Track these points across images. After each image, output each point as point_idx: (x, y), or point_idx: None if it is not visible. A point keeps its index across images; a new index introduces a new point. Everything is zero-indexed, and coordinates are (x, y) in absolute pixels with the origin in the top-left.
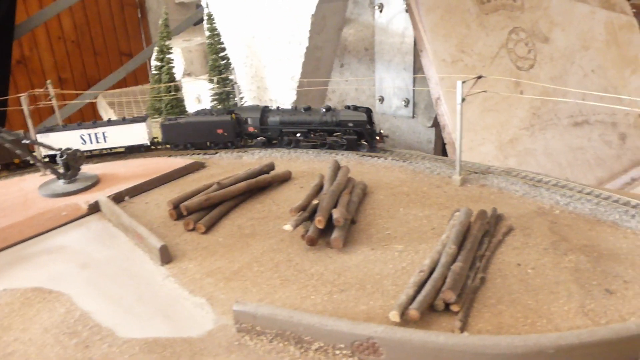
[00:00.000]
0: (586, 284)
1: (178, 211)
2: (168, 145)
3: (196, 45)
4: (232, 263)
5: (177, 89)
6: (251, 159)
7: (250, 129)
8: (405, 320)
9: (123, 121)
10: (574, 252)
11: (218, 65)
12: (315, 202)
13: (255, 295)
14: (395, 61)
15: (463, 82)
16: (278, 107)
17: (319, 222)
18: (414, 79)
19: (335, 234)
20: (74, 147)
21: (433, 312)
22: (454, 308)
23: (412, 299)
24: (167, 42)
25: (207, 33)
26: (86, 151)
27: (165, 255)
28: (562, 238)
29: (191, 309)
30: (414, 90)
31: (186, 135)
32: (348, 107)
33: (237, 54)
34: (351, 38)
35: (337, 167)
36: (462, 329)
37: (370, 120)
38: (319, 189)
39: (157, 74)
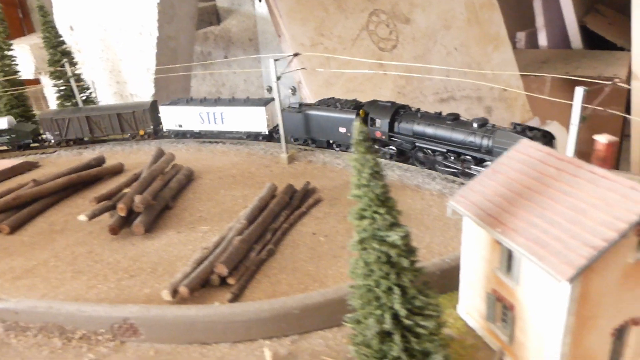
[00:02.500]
0: None
1: None
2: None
3: None
4: (28, 261)
5: (15, 86)
6: (92, 155)
7: (378, 134)
8: (181, 298)
9: (244, 102)
10: None
11: (58, 60)
12: (126, 190)
13: (41, 291)
14: (279, 50)
15: (276, 60)
16: (418, 110)
17: (121, 209)
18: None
19: (137, 221)
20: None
21: (211, 287)
22: (230, 281)
23: (189, 276)
24: (7, 39)
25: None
26: (204, 132)
27: None
28: None
29: None
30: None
31: (306, 128)
32: (516, 127)
33: (91, 48)
34: (234, 29)
35: (159, 155)
36: (233, 301)
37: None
38: (137, 177)
39: None
